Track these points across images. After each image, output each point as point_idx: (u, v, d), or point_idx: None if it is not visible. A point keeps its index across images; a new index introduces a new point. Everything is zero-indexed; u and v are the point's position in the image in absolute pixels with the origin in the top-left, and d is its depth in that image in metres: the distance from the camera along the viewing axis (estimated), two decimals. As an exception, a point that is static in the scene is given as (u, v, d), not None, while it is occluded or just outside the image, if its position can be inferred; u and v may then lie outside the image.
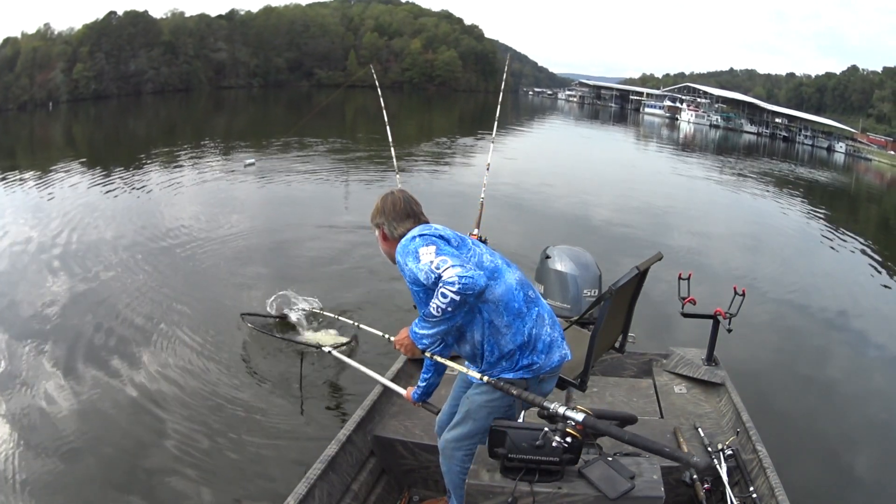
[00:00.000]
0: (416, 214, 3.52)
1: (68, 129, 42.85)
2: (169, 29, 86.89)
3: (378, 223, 3.56)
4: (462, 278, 2.98)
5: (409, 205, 3.53)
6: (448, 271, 3.01)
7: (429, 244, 3.19)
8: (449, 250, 3.17)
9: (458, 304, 3.03)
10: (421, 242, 3.21)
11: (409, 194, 3.62)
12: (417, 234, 3.30)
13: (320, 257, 12.14)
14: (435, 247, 3.16)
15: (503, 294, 3.30)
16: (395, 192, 3.60)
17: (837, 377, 8.46)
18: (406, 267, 3.25)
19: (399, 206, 3.51)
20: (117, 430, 6.28)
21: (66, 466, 5.69)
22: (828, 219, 22.49)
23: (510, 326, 3.31)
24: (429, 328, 3.22)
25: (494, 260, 3.40)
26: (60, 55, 67.55)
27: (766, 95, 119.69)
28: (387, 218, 3.51)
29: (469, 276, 3.00)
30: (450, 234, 3.37)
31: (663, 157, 41.06)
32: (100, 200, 16.51)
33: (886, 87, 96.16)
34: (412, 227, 3.45)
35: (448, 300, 3.01)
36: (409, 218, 3.50)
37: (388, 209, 3.51)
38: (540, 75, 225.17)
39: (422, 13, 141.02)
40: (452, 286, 2.98)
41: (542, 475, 3.01)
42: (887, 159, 65.37)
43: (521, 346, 3.33)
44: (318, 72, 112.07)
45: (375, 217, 3.57)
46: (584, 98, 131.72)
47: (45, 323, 8.71)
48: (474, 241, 3.51)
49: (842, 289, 12.65)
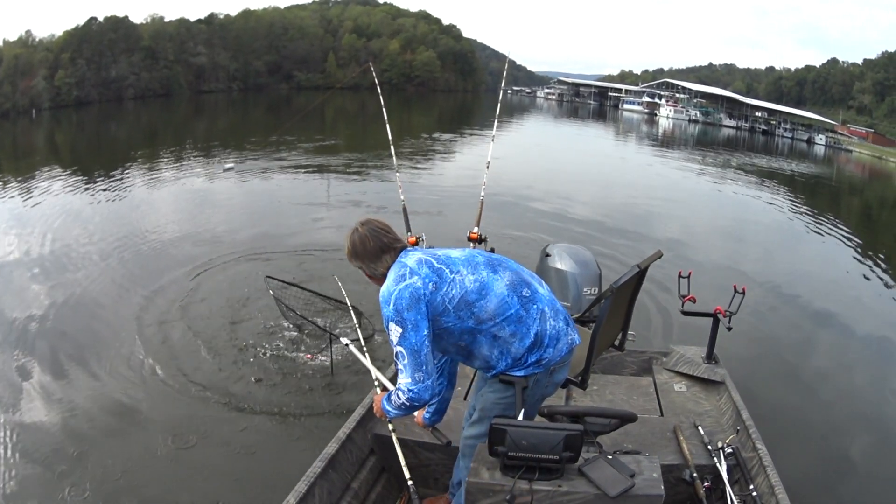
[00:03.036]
0: (388, 246, 3.39)
1: (51, 136, 42.51)
2: (149, 34, 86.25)
3: (358, 267, 3.48)
4: (410, 393, 3.25)
5: (378, 239, 3.39)
6: (402, 377, 3.26)
7: (398, 323, 3.19)
8: (411, 342, 3.18)
9: (409, 409, 3.39)
10: (392, 316, 3.20)
11: (375, 224, 3.46)
12: (391, 295, 3.21)
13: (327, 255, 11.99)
14: (402, 330, 3.19)
15: (496, 307, 3.28)
16: (358, 228, 3.45)
17: (838, 375, 8.49)
18: (384, 322, 3.29)
19: (369, 245, 3.38)
20: (105, 428, 6.26)
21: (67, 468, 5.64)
22: (820, 212, 22.64)
23: (515, 334, 3.31)
24: (393, 411, 3.45)
25: (479, 277, 3.31)
26: (42, 62, 66.95)
27: (746, 89, 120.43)
28: (362, 261, 3.42)
29: (416, 393, 3.24)
30: (425, 275, 3.26)
31: (643, 154, 41.36)
32: (82, 206, 16.42)
33: (867, 78, 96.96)
34: (391, 262, 3.38)
35: (401, 402, 3.31)
36: (384, 252, 3.38)
37: (359, 251, 3.41)
38: (518, 74, 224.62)
39: (400, 14, 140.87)
40: (404, 394, 3.27)
41: (542, 473, 3.02)
42: (868, 150, 65.93)
43: (528, 347, 3.32)
44: (297, 74, 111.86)
45: (352, 261, 3.49)
46: (562, 96, 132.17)
47: (29, 328, 8.63)
48: (457, 260, 3.39)
49: (843, 285, 12.73)
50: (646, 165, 33.02)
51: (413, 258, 3.34)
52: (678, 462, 4.29)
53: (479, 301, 3.25)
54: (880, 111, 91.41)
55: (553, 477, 3.01)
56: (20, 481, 5.49)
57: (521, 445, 2.98)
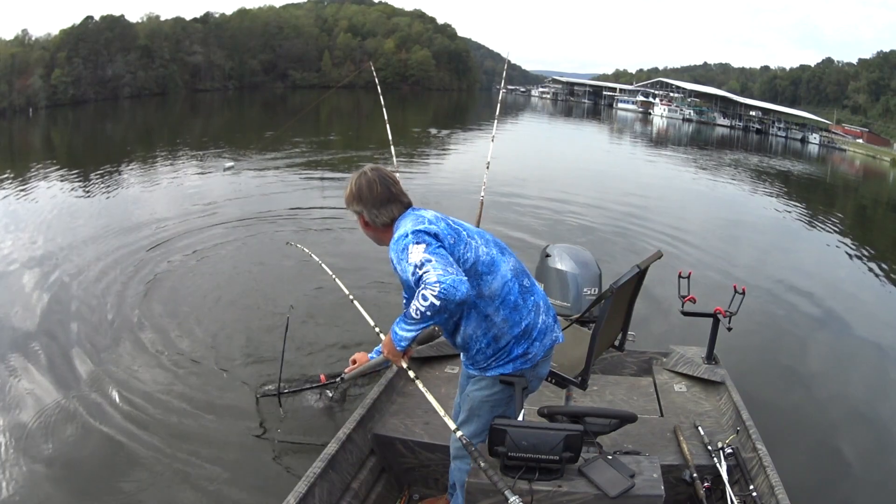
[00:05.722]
0: (395, 197, 3.27)
1: (47, 134, 42.39)
2: (145, 33, 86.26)
3: (357, 211, 3.32)
4: (443, 284, 2.81)
5: (386, 187, 3.27)
6: (430, 274, 2.85)
7: (419, 242, 2.97)
8: (440, 252, 2.96)
9: (437, 310, 2.84)
10: (413, 239, 2.99)
11: (384, 172, 3.34)
12: (411, 231, 3.04)
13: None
14: (425, 245, 2.96)
15: (499, 288, 3.19)
16: (367, 172, 3.32)
17: (838, 375, 8.47)
18: (398, 266, 3.05)
19: (376, 190, 3.25)
20: (99, 433, 6.15)
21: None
22: (816, 212, 22.68)
23: (507, 320, 3.22)
24: (408, 330, 3.02)
25: (490, 251, 3.23)
26: (39, 61, 66.86)
27: (741, 89, 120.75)
28: (365, 205, 3.27)
29: (450, 284, 2.82)
30: (443, 228, 3.13)
31: (638, 153, 41.25)
32: (77, 204, 16.31)
33: (861, 78, 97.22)
34: (396, 213, 3.27)
35: (428, 304, 2.82)
36: (390, 202, 3.26)
37: (364, 195, 3.26)
38: (513, 72, 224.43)
39: (395, 13, 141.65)
40: (433, 289, 2.80)
41: (542, 473, 3.03)
42: (862, 149, 66.19)
43: (516, 336, 3.24)
44: (292, 73, 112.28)
45: (352, 203, 3.32)
46: (557, 95, 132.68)
47: (21, 328, 8.51)
48: (471, 229, 3.33)
49: (842, 285, 12.66)
50: (641, 164, 33.03)
51: (429, 213, 3.25)
52: (678, 462, 4.30)
53: (487, 275, 3.17)
54: (875, 111, 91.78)
55: (553, 477, 3.03)
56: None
57: (521, 446, 3.00)
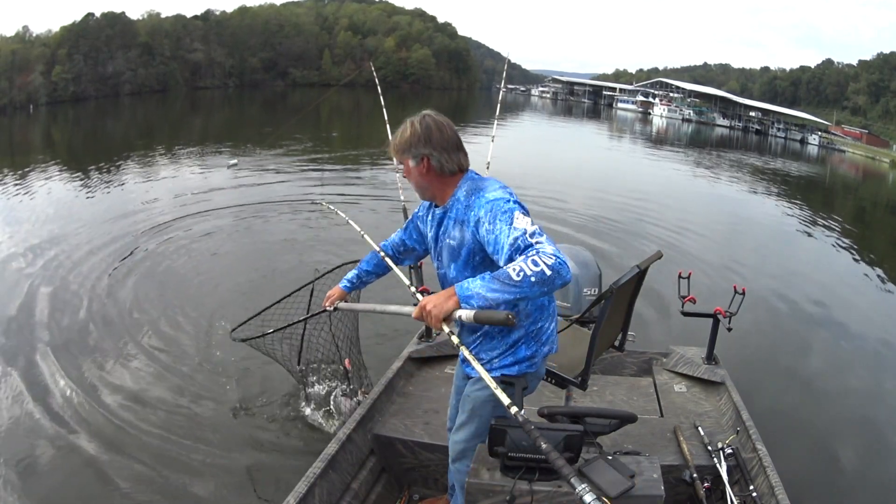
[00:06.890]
0: (463, 146, 3.08)
1: (47, 131, 42.40)
2: (146, 30, 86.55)
3: (423, 154, 3.02)
4: (559, 259, 2.57)
5: (455, 133, 3.07)
6: (545, 246, 2.61)
7: (526, 214, 2.78)
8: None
9: (544, 280, 2.54)
10: (519, 208, 2.79)
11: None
12: (513, 199, 2.85)
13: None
14: (531, 219, 2.74)
15: None
16: (431, 114, 3.08)
17: (838, 375, 8.45)
18: (489, 226, 2.81)
19: (447, 134, 3.02)
20: (106, 425, 6.16)
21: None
22: (816, 212, 22.60)
23: (529, 316, 3.15)
24: (494, 290, 2.59)
25: None
26: (39, 58, 67.11)
27: (741, 89, 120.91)
28: (435, 148, 3.00)
29: (564, 262, 2.59)
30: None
31: (637, 153, 41.20)
32: (77, 201, 16.35)
33: (861, 79, 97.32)
34: (464, 163, 3.07)
35: (538, 269, 2.53)
36: (459, 150, 3.05)
37: (435, 138, 3.00)
38: (513, 72, 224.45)
39: (395, 11, 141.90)
40: (549, 259, 2.55)
41: (542, 474, 3.00)
42: (861, 150, 66.23)
43: (527, 335, 3.19)
44: (292, 71, 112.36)
45: (416, 146, 3.02)
46: (557, 94, 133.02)
47: (20, 326, 8.48)
48: None
49: (841, 286, 12.65)
50: (641, 165, 32.99)
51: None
52: (678, 463, 4.29)
53: None
54: (874, 112, 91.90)
55: (553, 477, 2.99)
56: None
57: (521, 446, 2.97)
